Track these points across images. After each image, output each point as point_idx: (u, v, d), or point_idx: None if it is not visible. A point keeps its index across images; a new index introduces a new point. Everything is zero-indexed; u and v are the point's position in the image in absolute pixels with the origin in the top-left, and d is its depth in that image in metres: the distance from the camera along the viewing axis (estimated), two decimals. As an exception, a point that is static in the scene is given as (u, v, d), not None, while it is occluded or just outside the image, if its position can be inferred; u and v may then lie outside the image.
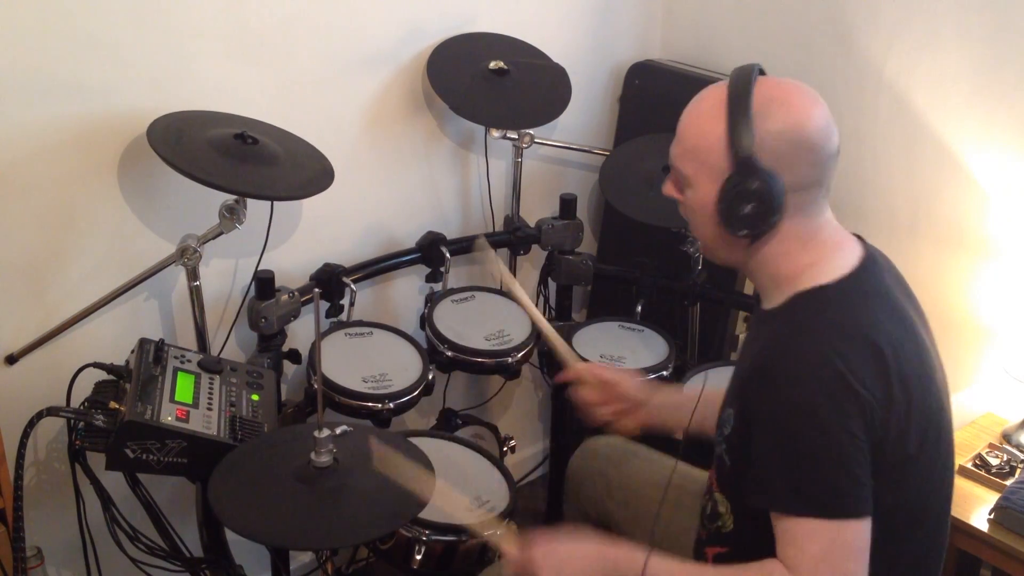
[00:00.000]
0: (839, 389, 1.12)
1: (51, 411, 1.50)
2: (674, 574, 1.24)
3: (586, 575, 1.28)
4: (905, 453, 1.18)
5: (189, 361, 1.66)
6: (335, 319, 2.03)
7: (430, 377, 1.90)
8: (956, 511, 1.71)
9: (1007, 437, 1.96)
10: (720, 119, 1.19)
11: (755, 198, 1.17)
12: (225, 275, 1.96)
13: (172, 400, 1.53)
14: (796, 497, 1.14)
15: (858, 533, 1.13)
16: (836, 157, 1.22)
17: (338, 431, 1.42)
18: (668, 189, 1.31)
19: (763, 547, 1.18)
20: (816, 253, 1.23)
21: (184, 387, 1.58)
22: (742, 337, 2.46)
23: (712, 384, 1.48)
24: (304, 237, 2.04)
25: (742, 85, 1.18)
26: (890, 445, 1.15)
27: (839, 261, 1.23)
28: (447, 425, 2.22)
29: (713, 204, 1.21)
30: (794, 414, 1.13)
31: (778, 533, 1.16)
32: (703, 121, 1.22)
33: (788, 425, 1.14)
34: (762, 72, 1.23)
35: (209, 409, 1.56)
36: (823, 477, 1.13)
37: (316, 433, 1.36)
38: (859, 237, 1.30)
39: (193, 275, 1.75)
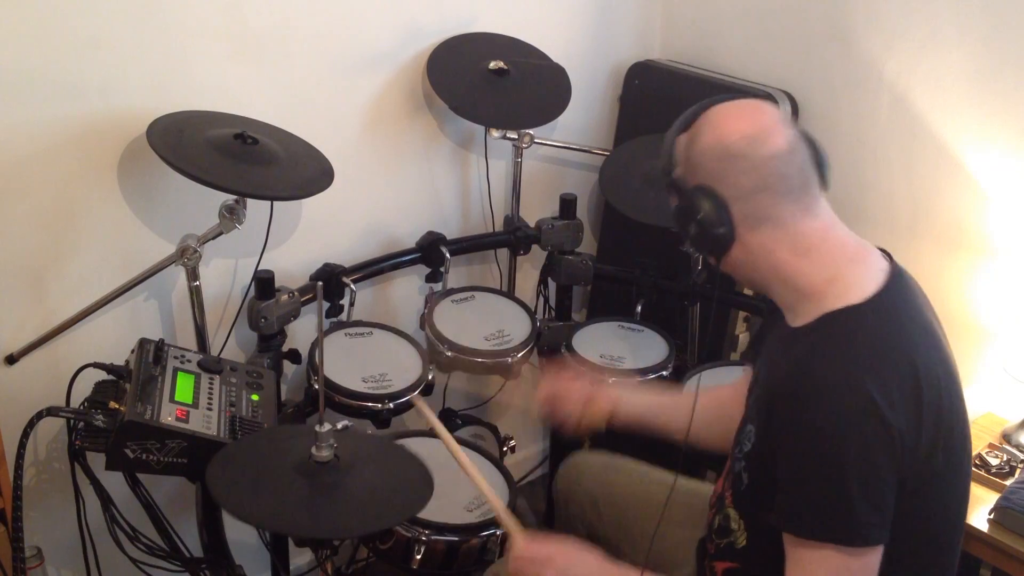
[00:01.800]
0: (869, 419, 1.10)
1: (51, 411, 1.50)
2: None
3: None
4: (932, 471, 1.17)
5: (189, 361, 1.66)
6: (335, 319, 2.03)
7: (430, 377, 1.90)
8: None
9: (1007, 437, 1.96)
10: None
11: (692, 216, 1.21)
12: (225, 275, 1.96)
13: (172, 400, 1.53)
14: (812, 521, 1.14)
15: (868, 562, 1.13)
16: (780, 159, 1.18)
17: (339, 426, 1.42)
18: None
19: (775, 566, 1.18)
20: (830, 266, 1.20)
21: (184, 387, 1.58)
22: (742, 337, 2.46)
23: (707, 383, 1.47)
24: (304, 237, 2.04)
25: (682, 121, 1.25)
26: (918, 467, 1.14)
27: (864, 277, 1.20)
28: (447, 425, 2.22)
29: None
30: (820, 442, 1.11)
31: (788, 553, 1.16)
32: None
33: (813, 452, 1.12)
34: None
35: (209, 409, 1.56)
36: (843, 506, 1.12)
37: (317, 427, 1.36)
38: (883, 250, 1.27)
39: (193, 275, 1.75)
